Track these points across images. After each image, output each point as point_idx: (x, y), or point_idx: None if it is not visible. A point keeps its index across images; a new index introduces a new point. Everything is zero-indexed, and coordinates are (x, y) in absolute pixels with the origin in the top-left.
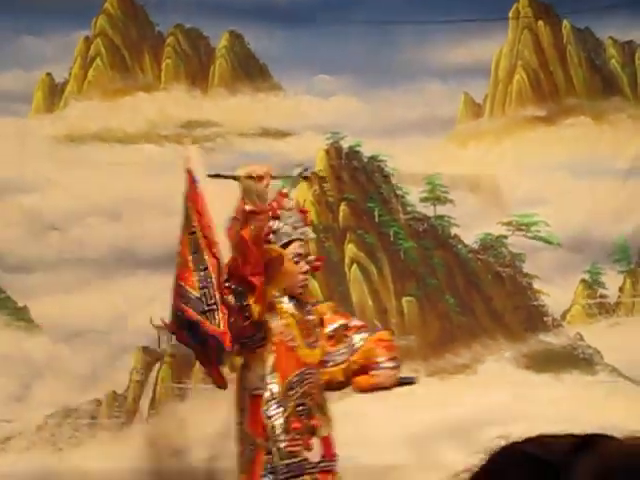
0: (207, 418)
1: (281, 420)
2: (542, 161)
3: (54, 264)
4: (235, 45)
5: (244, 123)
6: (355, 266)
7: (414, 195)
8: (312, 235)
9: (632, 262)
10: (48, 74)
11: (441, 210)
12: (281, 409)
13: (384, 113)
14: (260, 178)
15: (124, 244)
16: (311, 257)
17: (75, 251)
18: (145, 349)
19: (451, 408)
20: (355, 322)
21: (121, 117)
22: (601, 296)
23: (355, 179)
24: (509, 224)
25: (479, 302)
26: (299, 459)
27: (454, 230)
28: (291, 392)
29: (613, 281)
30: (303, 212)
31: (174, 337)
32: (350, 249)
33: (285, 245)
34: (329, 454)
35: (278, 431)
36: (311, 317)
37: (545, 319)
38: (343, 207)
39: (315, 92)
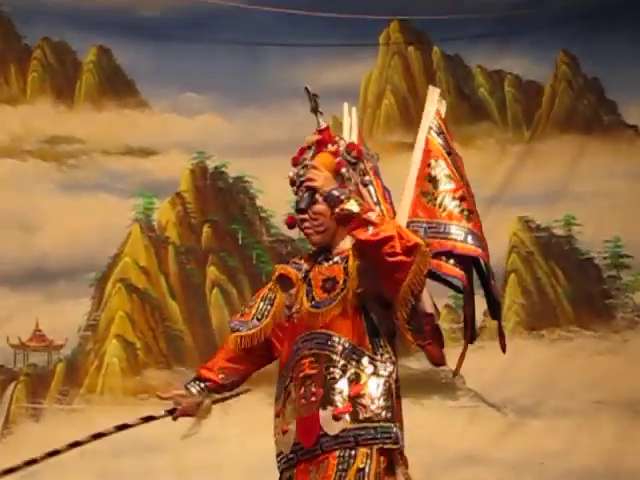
0: (62, 439)
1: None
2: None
3: None
4: (102, 60)
5: (109, 140)
6: (216, 289)
7: (279, 217)
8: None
9: None
10: None
11: None
12: (276, 394)
13: (251, 133)
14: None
15: None
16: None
17: None
18: (0, 367)
19: None
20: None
21: None
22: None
23: (220, 200)
24: None
25: None
26: (278, 453)
27: None
28: (285, 370)
29: (478, 305)
30: (318, 144)
31: None
32: (212, 272)
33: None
34: (305, 439)
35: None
36: (335, 262)
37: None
38: (206, 229)
39: (181, 110)
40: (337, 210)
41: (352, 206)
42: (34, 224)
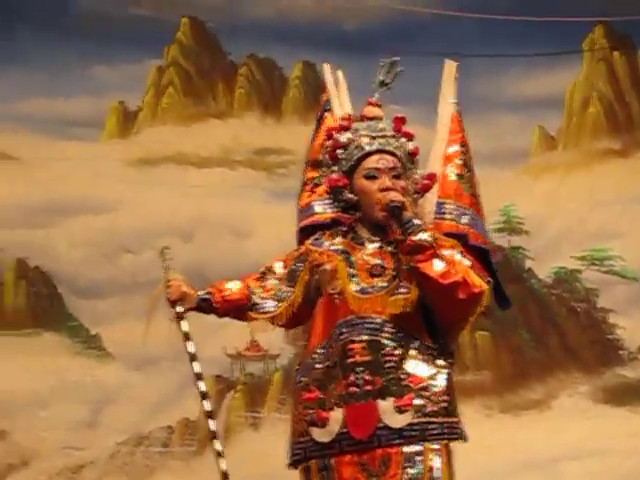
0: (282, 447)
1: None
2: (616, 194)
3: (127, 288)
4: (308, 75)
5: None
6: None
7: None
8: (408, 146)
9: None
10: (121, 102)
11: (515, 241)
12: (299, 376)
13: None
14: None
15: (195, 267)
16: (417, 175)
17: (147, 274)
18: (218, 377)
19: (525, 444)
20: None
21: (195, 142)
22: None
23: None
24: (583, 258)
25: (553, 336)
26: (303, 439)
27: (528, 263)
28: (320, 352)
29: None
30: (397, 120)
31: None
32: None
33: (360, 160)
34: (357, 429)
35: (293, 404)
36: (380, 247)
37: (620, 352)
38: None
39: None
40: (410, 239)
41: (427, 236)
42: (245, 230)
